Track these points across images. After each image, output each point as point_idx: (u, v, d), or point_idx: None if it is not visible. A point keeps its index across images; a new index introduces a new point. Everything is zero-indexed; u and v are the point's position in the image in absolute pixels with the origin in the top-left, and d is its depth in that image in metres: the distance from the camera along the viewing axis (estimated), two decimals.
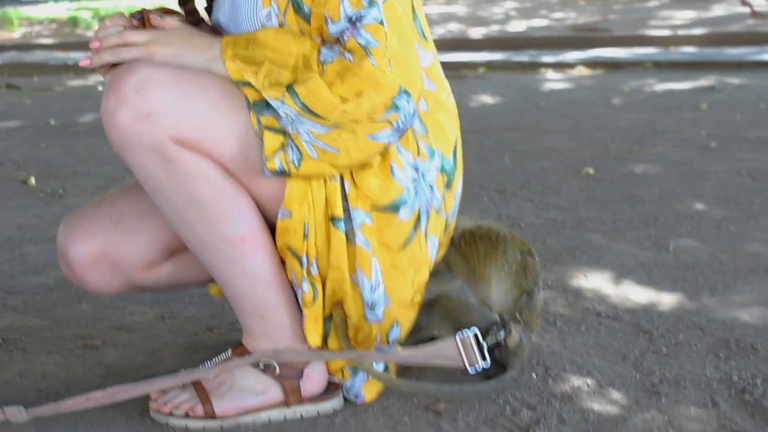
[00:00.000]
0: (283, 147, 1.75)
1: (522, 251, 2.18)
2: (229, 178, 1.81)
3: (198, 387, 1.90)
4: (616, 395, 2.02)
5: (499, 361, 2.05)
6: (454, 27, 11.23)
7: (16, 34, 13.48)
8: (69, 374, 2.14)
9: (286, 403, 1.91)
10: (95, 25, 13.77)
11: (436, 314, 2.11)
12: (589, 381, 2.08)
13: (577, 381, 2.09)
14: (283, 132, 1.75)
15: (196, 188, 1.78)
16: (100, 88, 7.65)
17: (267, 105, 1.75)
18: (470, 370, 1.93)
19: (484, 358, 1.93)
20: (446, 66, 7.50)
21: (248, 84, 1.75)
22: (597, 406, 1.97)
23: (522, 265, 2.15)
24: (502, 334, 2.02)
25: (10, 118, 5.96)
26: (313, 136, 1.73)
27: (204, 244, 1.83)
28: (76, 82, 8.13)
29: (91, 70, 8.84)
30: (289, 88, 1.72)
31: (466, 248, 2.18)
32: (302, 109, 1.72)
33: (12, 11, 16.33)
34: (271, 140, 1.75)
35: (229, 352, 1.96)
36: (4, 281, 2.79)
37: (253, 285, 1.86)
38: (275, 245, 1.86)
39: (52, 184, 4.06)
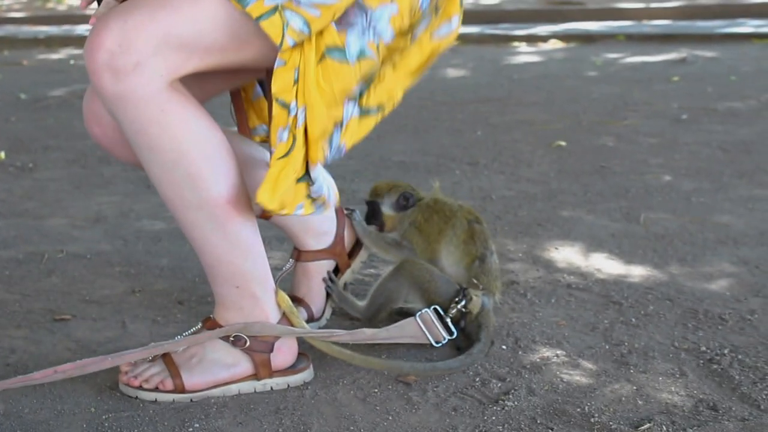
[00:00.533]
0: (284, 22, 1.69)
1: (469, 220, 2.22)
2: (218, 134, 1.80)
3: (168, 360, 1.90)
4: (586, 366, 2.03)
5: (467, 330, 2.09)
6: None
7: None
8: (38, 348, 2.13)
9: (256, 376, 1.91)
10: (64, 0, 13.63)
11: (403, 281, 2.14)
12: (558, 352, 2.09)
13: (546, 352, 2.10)
14: (275, 7, 1.69)
15: (186, 143, 1.75)
16: (71, 62, 7.59)
17: None
18: (436, 345, 2.01)
19: (449, 332, 2.01)
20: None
21: None
22: (566, 376, 1.98)
23: (469, 234, 2.19)
24: (463, 302, 2.08)
25: None
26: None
27: (188, 205, 1.80)
28: (46, 56, 8.05)
29: (61, 43, 8.77)
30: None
31: (425, 225, 2.23)
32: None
33: None
34: (271, 25, 1.68)
35: (200, 325, 1.95)
36: None
37: (232, 251, 1.85)
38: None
39: (23, 158, 4.03)
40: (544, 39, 7.88)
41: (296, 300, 2.22)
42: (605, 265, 2.64)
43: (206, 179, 1.78)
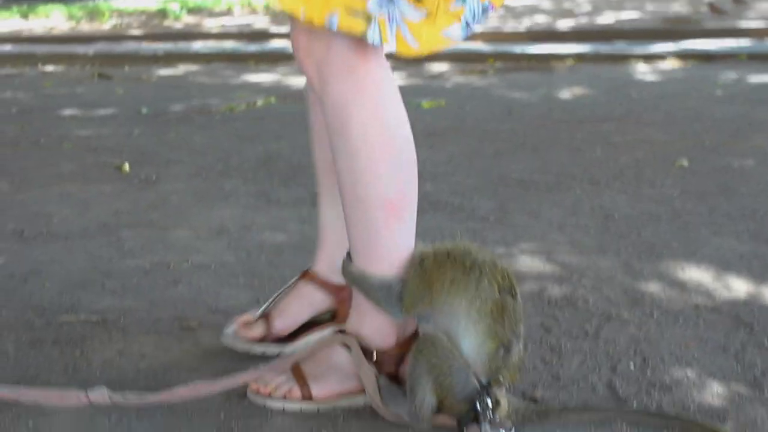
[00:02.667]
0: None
1: (501, 288, 1.75)
2: (405, 130, 1.82)
3: (296, 369, 1.91)
4: (717, 388, 1.98)
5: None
6: (540, 19, 11.12)
7: (107, 25, 13.70)
8: (167, 355, 2.17)
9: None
10: (183, 17, 13.93)
11: (419, 368, 1.77)
12: (689, 372, 2.05)
13: (676, 372, 2.05)
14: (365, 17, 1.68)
15: (373, 133, 1.78)
16: (189, 78, 7.74)
17: None
18: None
19: None
20: (534, 58, 7.48)
21: None
22: (698, 398, 1.93)
23: (499, 307, 1.73)
24: (488, 406, 1.75)
25: (103, 107, 6.06)
26: (404, 22, 1.69)
27: (360, 200, 1.81)
28: (165, 72, 8.22)
29: (179, 59, 8.96)
30: None
31: (433, 269, 1.79)
32: None
33: (103, 4, 16.60)
34: (349, 23, 1.68)
35: (330, 334, 1.96)
36: (103, 265, 2.83)
37: (383, 257, 1.84)
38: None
39: (146, 170, 4.11)
40: (662, 57, 7.75)
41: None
42: (734, 286, 2.58)
43: (382, 176, 1.79)
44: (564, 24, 10.40)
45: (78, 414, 1.86)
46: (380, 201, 1.80)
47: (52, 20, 14.87)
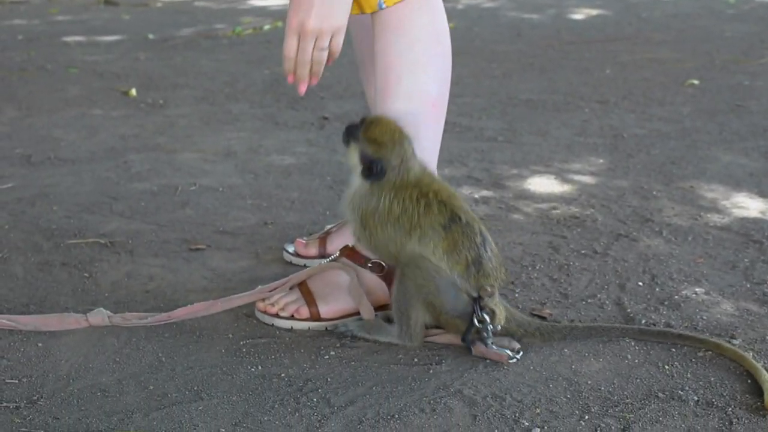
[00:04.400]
0: None
1: (443, 224, 1.76)
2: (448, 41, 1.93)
3: (304, 289, 1.91)
4: (726, 305, 1.97)
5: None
6: None
7: None
8: (175, 276, 2.17)
9: (389, 307, 1.91)
10: None
11: (407, 291, 1.78)
12: (697, 289, 2.04)
13: (685, 290, 2.04)
14: None
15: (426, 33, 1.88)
16: (196, 3, 7.66)
17: None
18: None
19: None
20: None
21: None
22: (706, 314, 1.93)
23: (450, 242, 1.75)
24: (486, 319, 1.75)
25: (109, 33, 6.01)
26: None
27: (406, 95, 1.88)
28: None
29: None
30: None
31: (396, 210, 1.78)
32: None
33: None
34: None
35: (338, 253, 1.96)
36: (110, 188, 2.83)
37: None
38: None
39: (153, 95, 4.09)
40: None
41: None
42: (744, 203, 2.56)
43: (428, 72, 1.88)
44: None
45: (87, 334, 1.87)
46: (426, 97, 1.90)
47: None
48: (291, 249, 2.25)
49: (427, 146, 1.90)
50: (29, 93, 4.19)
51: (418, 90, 1.87)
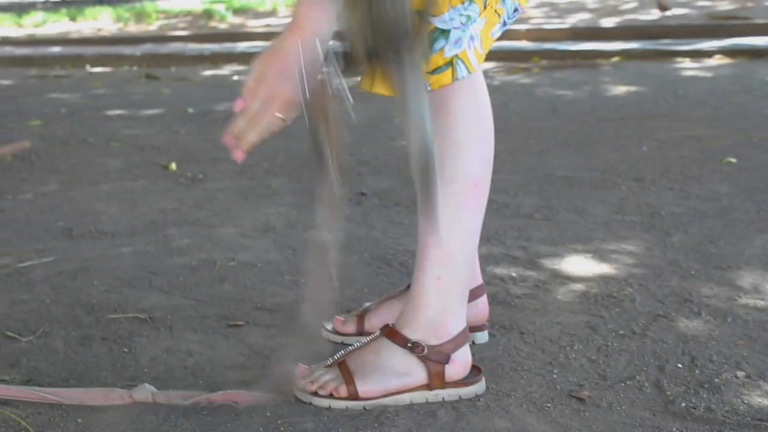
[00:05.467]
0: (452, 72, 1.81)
1: None
2: (489, 122, 1.92)
3: (343, 367, 1.91)
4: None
5: None
6: (584, 17, 11.06)
7: (154, 26, 13.82)
8: (214, 352, 2.18)
9: (428, 387, 1.91)
10: (229, 18, 14.01)
11: None
12: (738, 372, 2.02)
13: (725, 372, 2.03)
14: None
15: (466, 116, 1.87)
16: (234, 77, 7.78)
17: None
18: None
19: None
20: (579, 55, 7.40)
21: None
22: (747, 398, 1.91)
23: None
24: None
25: (150, 107, 6.11)
26: (479, 35, 1.81)
27: (446, 177, 1.86)
28: (211, 72, 8.28)
29: (225, 59, 8.99)
30: None
31: None
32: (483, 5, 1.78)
33: (149, 5, 16.75)
34: (439, 81, 1.81)
35: (378, 332, 1.97)
36: (149, 262, 2.86)
37: (457, 236, 1.90)
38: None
39: (192, 169, 4.14)
40: (709, 54, 7.68)
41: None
42: None
43: (468, 153, 1.87)
44: (609, 21, 10.33)
45: (126, 410, 1.88)
46: (469, 179, 1.88)
47: (100, 22, 15.03)
48: (329, 326, 2.26)
49: (468, 227, 1.92)
50: (71, 166, 4.26)
51: (460, 172, 1.88)
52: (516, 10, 1.88)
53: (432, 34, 1.76)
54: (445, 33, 1.77)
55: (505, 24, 1.86)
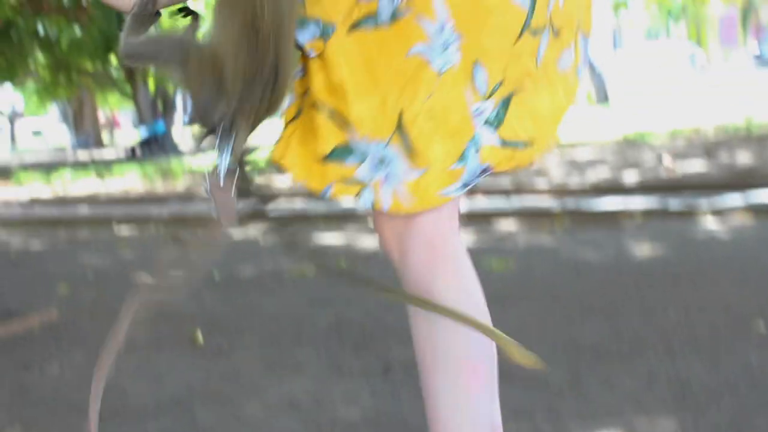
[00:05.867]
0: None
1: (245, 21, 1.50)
2: (478, 296, 1.84)
3: None
4: None
5: None
6: (604, 172, 11.18)
7: (180, 185, 14.06)
8: None
9: None
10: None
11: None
12: None
13: None
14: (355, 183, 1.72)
15: (455, 294, 1.80)
16: (260, 239, 7.85)
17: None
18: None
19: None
20: (601, 216, 7.35)
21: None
22: None
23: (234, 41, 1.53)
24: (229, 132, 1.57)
25: (175, 271, 6.16)
26: (403, 182, 1.71)
27: (440, 364, 1.82)
28: (236, 233, 8.36)
29: (253, 221, 9.09)
30: (400, 122, 1.68)
31: None
32: (408, 151, 1.69)
33: (176, 163, 17.09)
34: (343, 190, 1.74)
35: None
36: None
37: (465, 426, 1.83)
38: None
39: (218, 339, 4.15)
40: (732, 211, 7.71)
41: None
42: None
43: (462, 335, 1.80)
44: (630, 177, 10.43)
45: None
46: (462, 363, 1.82)
47: (127, 180, 15.31)
48: None
49: (476, 415, 1.83)
50: (98, 337, 4.23)
51: (453, 358, 1.81)
52: (486, 170, 1.77)
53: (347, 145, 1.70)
54: (358, 152, 1.70)
55: (465, 186, 1.76)
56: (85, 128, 35.95)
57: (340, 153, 1.71)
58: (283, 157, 1.79)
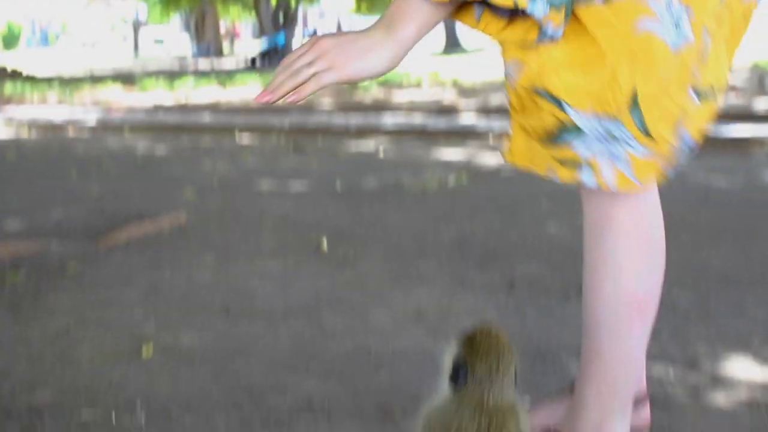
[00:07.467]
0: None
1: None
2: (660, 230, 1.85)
3: None
4: None
5: None
6: (735, 99, 10.87)
7: None
8: None
9: None
10: (373, 90, 14.26)
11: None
12: None
13: None
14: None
15: (638, 228, 1.81)
16: (380, 153, 7.88)
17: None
18: None
19: None
20: (731, 143, 7.13)
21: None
22: None
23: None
24: None
25: (299, 180, 6.24)
26: (629, 159, 1.68)
27: (607, 298, 1.83)
28: (356, 146, 8.41)
29: (370, 132, 9.13)
30: (634, 101, 1.63)
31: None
32: (640, 132, 1.65)
33: None
34: (566, 174, 1.72)
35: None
36: (306, 346, 2.90)
37: (617, 354, 1.85)
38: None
39: (343, 248, 4.20)
40: None
41: None
42: None
43: (629, 272, 1.81)
44: (761, 104, 10.13)
45: None
46: (629, 298, 1.82)
47: (248, 89, 15.46)
48: None
49: (630, 347, 1.86)
50: (226, 241, 4.38)
51: (620, 294, 1.82)
52: (692, 149, 1.75)
53: (566, 124, 1.67)
54: (579, 130, 1.67)
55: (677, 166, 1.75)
56: (206, 38, 36.43)
57: (564, 133, 1.68)
58: (512, 155, 1.78)
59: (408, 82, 15.49)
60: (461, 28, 13.53)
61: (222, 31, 40.50)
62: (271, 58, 26.00)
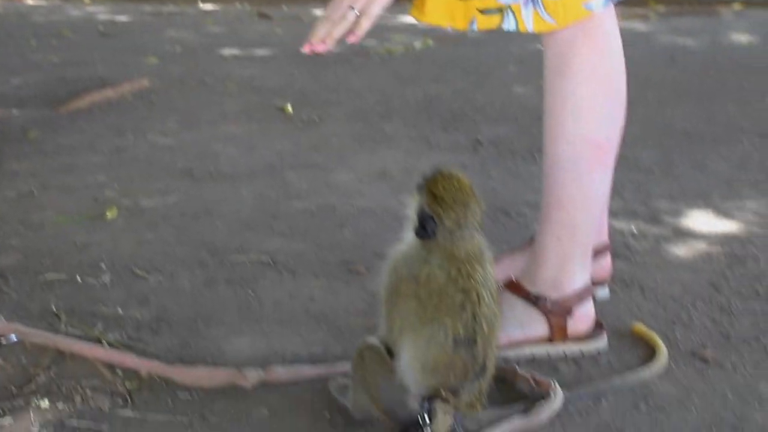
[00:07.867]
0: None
1: (456, 337, 1.54)
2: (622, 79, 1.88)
3: None
4: None
5: None
6: None
7: None
8: (336, 298, 2.22)
9: (550, 340, 1.92)
10: None
11: (354, 376, 1.68)
12: None
13: None
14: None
15: (598, 72, 1.84)
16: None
17: None
18: None
19: None
20: (698, 2, 7.05)
21: None
22: None
23: (447, 361, 1.56)
24: (426, 422, 1.60)
25: (263, 47, 6.15)
26: (540, 1, 1.76)
27: (568, 141, 1.85)
28: (322, 11, 8.27)
29: None
30: None
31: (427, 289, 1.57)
32: None
33: None
34: (486, 22, 1.79)
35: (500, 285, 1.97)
36: (270, 205, 2.90)
37: (574, 197, 1.88)
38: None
39: (307, 111, 4.17)
40: None
41: None
42: None
43: (592, 117, 1.85)
44: None
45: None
46: (589, 139, 1.85)
47: None
48: None
49: (591, 190, 1.90)
50: (189, 106, 4.33)
51: (580, 134, 1.85)
52: None
53: None
54: None
55: None
56: None
57: None
58: (422, 13, 1.83)
59: None
60: None
61: None
62: None
